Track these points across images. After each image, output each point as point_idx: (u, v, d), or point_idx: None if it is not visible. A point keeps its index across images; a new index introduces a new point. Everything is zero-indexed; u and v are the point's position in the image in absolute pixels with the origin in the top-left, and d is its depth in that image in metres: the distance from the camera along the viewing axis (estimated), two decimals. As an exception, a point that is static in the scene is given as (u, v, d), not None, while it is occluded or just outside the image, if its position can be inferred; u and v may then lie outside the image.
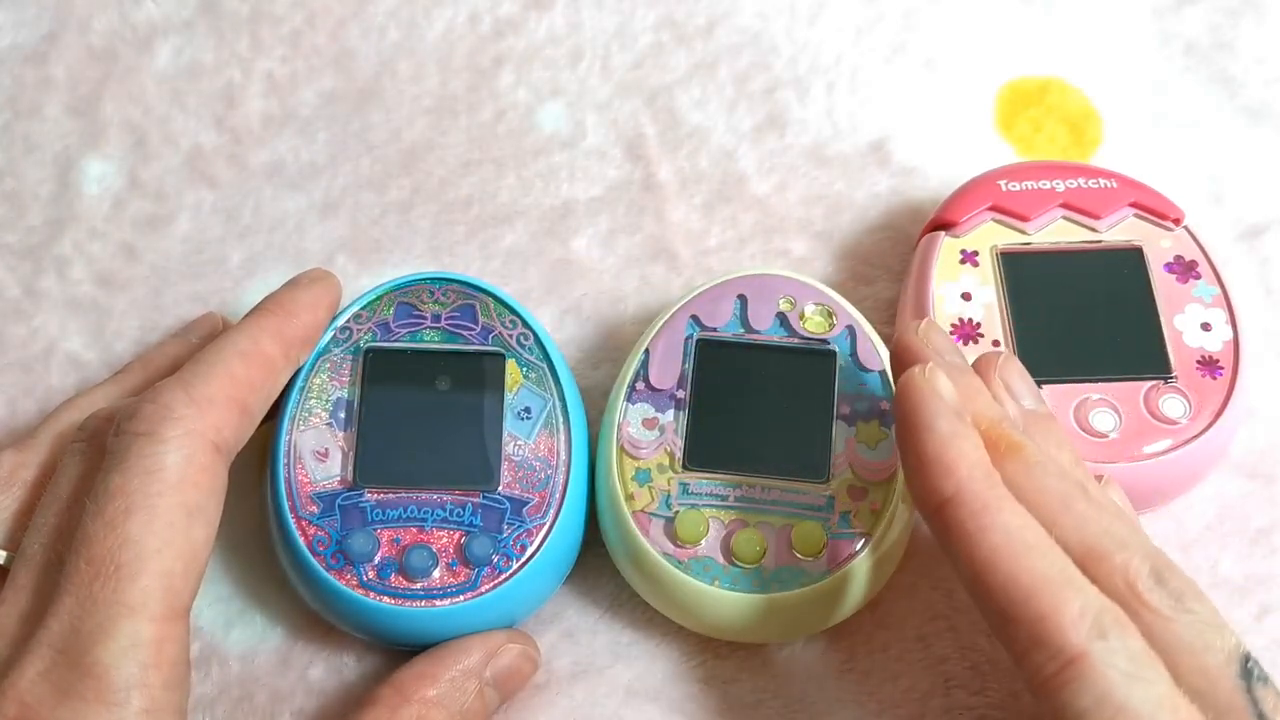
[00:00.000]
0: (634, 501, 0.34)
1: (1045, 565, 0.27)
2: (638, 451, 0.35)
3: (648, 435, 0.35)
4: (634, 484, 0.34)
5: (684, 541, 0.33)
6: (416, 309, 0.36)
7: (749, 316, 0.36)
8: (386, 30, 0.46)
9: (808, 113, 0.44)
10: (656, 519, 0.34)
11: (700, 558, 0.33)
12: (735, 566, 0.33)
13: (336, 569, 0.33)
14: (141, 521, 0.29)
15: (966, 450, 0.29)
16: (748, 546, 0.33)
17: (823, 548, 0.33)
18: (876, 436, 0.35)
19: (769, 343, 0.36)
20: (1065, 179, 0.39)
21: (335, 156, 0.44)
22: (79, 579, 0.28)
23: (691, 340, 0.36)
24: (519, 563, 0.33)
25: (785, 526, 0.33)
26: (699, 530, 0.33)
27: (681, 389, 0.35)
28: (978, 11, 0.46)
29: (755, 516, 0.34)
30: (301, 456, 0.34)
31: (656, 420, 0.35)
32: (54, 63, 0.45)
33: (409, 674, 0.32)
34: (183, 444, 0.30)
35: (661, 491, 0.34)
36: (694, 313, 0.36)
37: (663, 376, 0.36)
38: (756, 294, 0.36)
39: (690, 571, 0.33)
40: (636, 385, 0.36)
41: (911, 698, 0.35)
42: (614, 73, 0.45)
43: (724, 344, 0.36)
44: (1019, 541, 0.27)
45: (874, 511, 0.34)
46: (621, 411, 0.35)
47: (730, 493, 0.34)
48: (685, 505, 0.34)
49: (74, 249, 0.42)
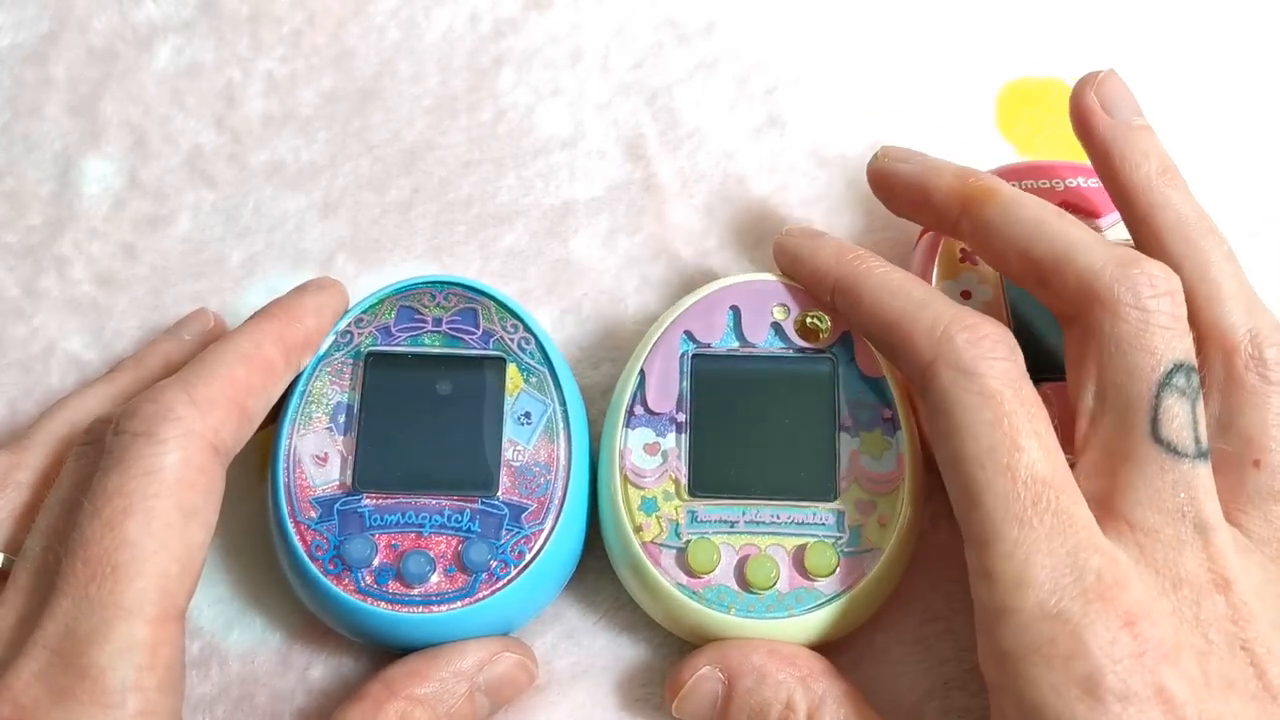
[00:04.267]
0: (643, 533, 0.34)
1: (904, 300, 0.32)
2: (642, 480, 0.34)
3: (650, 462, 0.34)
4: (641, 514, 0.34)
5: (697, 571, 0.33)
6: (418, 313, 0.36)
7: (744, 329, 0.36)
8: (386, 30, 0.46)
9: (808, 113, 0.44)
10: (667, 550, 0.33)
11: (714, 586, 0.33)
12: (749, 593, 0.33)
13: (334, 574, 0.33)
14: (139, 523, 0.29)
15: (828, 254, 0.35)
16: (761, 572, 0.33)
17: (835, 568, 0.33)
18: (881, 446, 0.34)
19: (766, 355, 0.35)
20: (1065, 179, 0.39)
21: (335, 156, 0.44)
22: (75, 580, 0.28)
23: (687, 358, 0.36)
24: (517, 569, 0.33)
25: (797, 549, 0.33)
26: (712, 559, 0.33)
27: (681, 411, 0.35)
28: (978, 11, 0.46)
29: (766, 540, 0.33)
30: (301, 461, 0.34)
31: (658, 445, 0.35)
32: (54, 63, 0.45)
33: (400, 670, 0.32)
34: (181, 445, 0.30)
35: (670, 521, 0.34)
36: (687, 328, 0.36)
37: (661, 399, 0.35)
38: (750, 304, 0.36)
39: (705, 601, 0.33)
40: (634, 409, 0.35)
41: (910, 700, 0.35)
42: (614, 73, 0.45)
43: (720, 360, 0.35)
44: (884, 291, 0.33)
45: (882, 525, 0.33)
46: (622, 438, 0.35)
47: (739, 518, 0.34)
48: (695, 534, 0.33)
49: (74, 249, 0.42)
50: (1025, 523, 0.29)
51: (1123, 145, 0.35)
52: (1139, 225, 0.34)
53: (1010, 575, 0.28)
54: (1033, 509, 0.29)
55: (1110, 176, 0.35)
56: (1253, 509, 0.31)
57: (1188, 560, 0.29)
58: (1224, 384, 0.32)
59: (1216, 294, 0.32)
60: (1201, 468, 0.30)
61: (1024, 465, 0.29)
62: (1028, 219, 0.33)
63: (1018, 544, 0.28)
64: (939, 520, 0.36)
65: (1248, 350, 0.32)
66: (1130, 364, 0.30)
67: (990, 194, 0.34)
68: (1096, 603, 0.28)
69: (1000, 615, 0.28)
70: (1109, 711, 0.27)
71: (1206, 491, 0.30)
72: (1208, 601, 0.29)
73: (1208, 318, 0.32)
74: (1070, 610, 0.28)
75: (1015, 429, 0.30)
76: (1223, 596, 0.29)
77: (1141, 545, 0.29)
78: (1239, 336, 0.32)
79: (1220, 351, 0.32)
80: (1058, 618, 0.28)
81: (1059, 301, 0.33)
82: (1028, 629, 0.28)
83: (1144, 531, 0.29)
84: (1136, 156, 0.34)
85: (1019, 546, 0.28)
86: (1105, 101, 0.36)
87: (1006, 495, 0.29)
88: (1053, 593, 0.28)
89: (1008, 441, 0.29)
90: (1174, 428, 0.30)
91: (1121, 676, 0.27)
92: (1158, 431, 0.30)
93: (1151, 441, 0.30)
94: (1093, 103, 0.36)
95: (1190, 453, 0.30)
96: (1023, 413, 0.30)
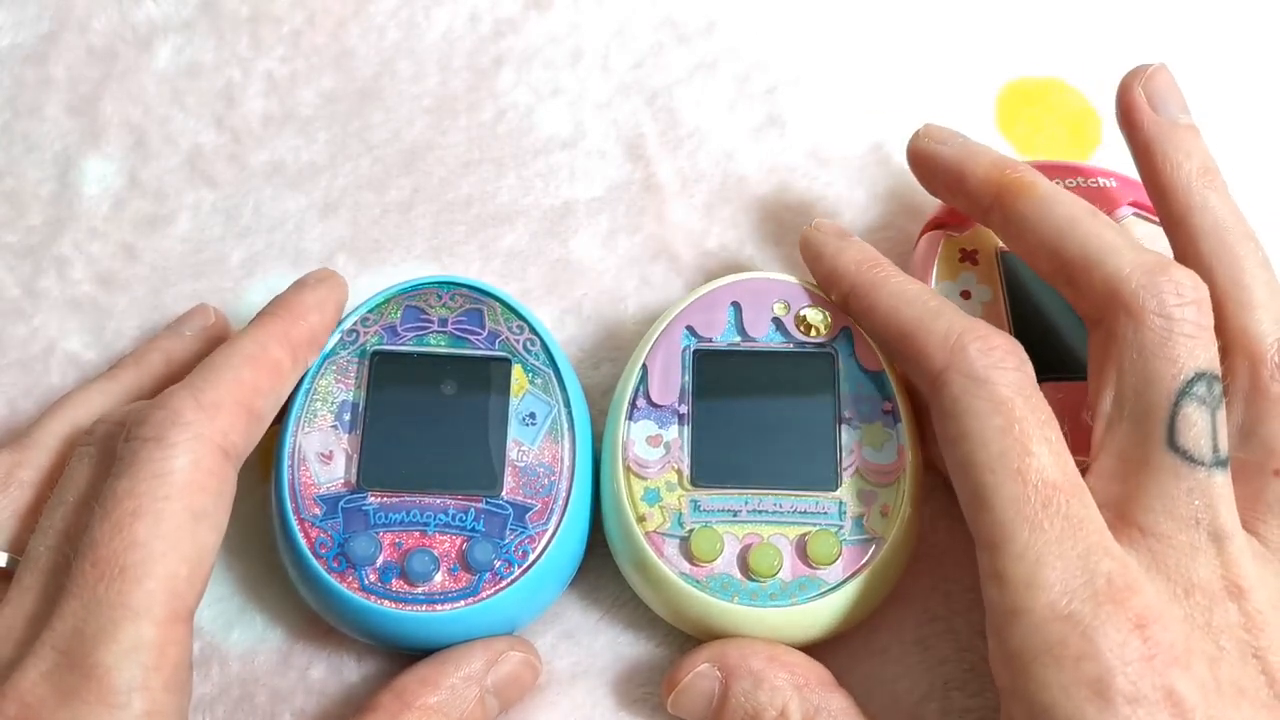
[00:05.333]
0: (646, 523, 0.34)
1: (919, 309, 0.33)
2: (644, 471, 0.34)
3: (653, 453, 0.35)
4: (644, 504, 0.34)
5: (700, 560, 0.33)
6: (424, 313, 0.36)
7: (745, 324, 0.36)
8: (386, 30, 0.46)
9: (808, 113, 0.44)
10: (670, 539, 0.34)
11: (717, 575, 0.33)
12: (753, 581, 0.33)
13: (338, 571, 0.33)
14: (148, 525, 0.29)
15: (849, 259, 0.35)
16: (764, 560, 0.33)
17: (837, 556, 0.33)
18: (881, 438, 0.34)
19: (767, 349, 0.36)
20: (1065, 179, 0.39)
21: (335, 156, 0.44)
22: (84, 581, 0.28)
23: (689, 352, 0.36)
24: (521, 569, 0.33)
25: (799, 537, 0.33)
26: (715, 548, 0.33)
27: (683, 403, 0.35)
28: (978, 11, 0.46)
29: (769, 529, 0.34)
30: (306, 458, 0.34)
31: (660, 437, 0.35)
32: (54, 62, 0.45)
33: (410, 679, 0.32)
34: (190, 448, 0.30)
35: (673, 510, 0.34)
36: (689, 323, 0.36)
37: (663, 392, 0.35)
38: (750, 300, 0.36)
39: (709, 590, 0.33)
40: (637, 402, 0.35)
41: (910, 700, 0.35)
42: (614, 73, 0.45)
43: (722, 354, 0.36)
44: (899, 300, 0.33)
45: (884, 515, 0.34)
46: (624, 430, 0.35)
47: (742, 507, 0.34)
48: (698, 523, 0.34)
49: (74, 249, 0.42)
50: (1036, 526, 0.29)
51: (1165, 143, 0.35)
52: (1175, 226, 0.34)
53: (1021, 577, 0.28)
54: (1043, 512, 0.29)
55: (1150, 174, 0.35)
56: (1271, 518, 0.31)
57: (1201, 567, 0.29)
58: (1248, 392, 0.32)
59: (1247, 300, 0.32)
60: (1219, 476, 0.30)
61: (1034, 469, 0.29)
62: (1061, 216, 0.33)
63: (1028, 546, 0.28)
64: (939, 520, 0.36)
65: (1274, 359, 0.31)
66: (1151, 371, 0.30)
67: (1027, 188, 0.34)
68: (1107, 605, 0.27)
69: (1011, 617, 0.28)
70: (1118, 714, 0.27)
71: (1223, 499, 0.30)
72: (1220, 609, 0.29)
73: (1236, 325, 0.32)
74: (1081, 612, 0.27)
75: (1026, 435, 0.30)
76: (1236, 604, 0.29)
77: (1154, 551, 0.29)
78: (1266, 345, 0.32)
79: (1246, 360, 0.32)
80: (1068, 619, 0.28)
81: (1085, 303, 0.33)
82: (1038, 630, 0.28)
83: (1156, 537, 0.29)
84: (1179, 156, 0.34)
85: (1030, 549, 0.28)
86: (1152, 97, 0.35)
87: (1017, 499, 0.29)
88: (1063, 594, 0.28)
89: (1018, 447, 0.29)
90: (1190, 436, 0.30)
91: (1131, 679, 0.27)
92: (1174, 439, 0.30)
93: (1167, 449, 0.30)
94: (1139, 97, 0.35)
95: (1207, 461, 0.30)
96: (1033, 419, 0.30)
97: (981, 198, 0.35)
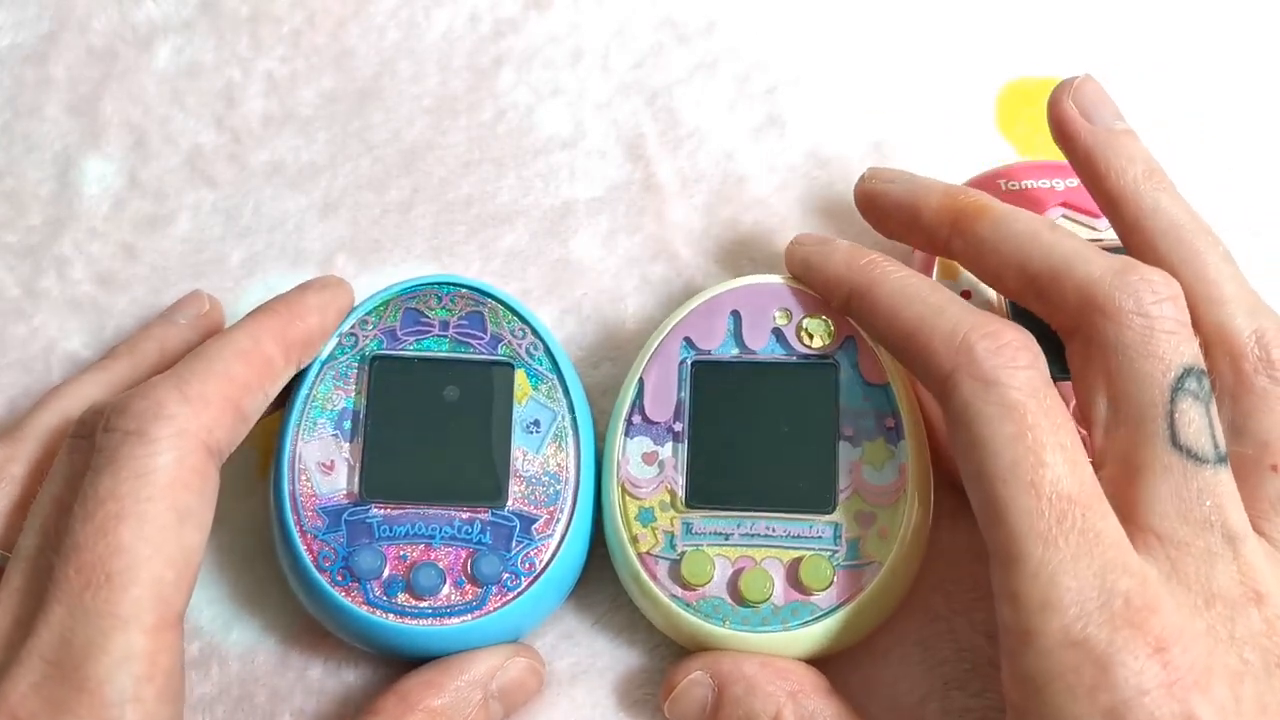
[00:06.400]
0: (639, 544, 0.33)
1: (921, 307, 0.32)
2: (638, 490, 0.34)
3: (647, 472, 0.34)
4: (638, 525, 0.34)
5: (691, 584, 0.33)
6: (424, 315, 0.35)
7: (744, 335, 0.35)
8: (386, 30, 0.46)
9: (808, 113, 0.44)
10: (662, 561, 0.33)
11: (709, 599, 0.33)
12: (744, 607, 0.33)
13: (343, 585, 0.32)
14: (132, 528, 0.28)
15: (839, 261, 0.34)
16: (755, 585, 0.32)
17: (830, 582, 0.32)
18: (883, 456, 0.34)
19: (767, 362, 0.35)
20: (1065, 179, 0.39)
21: (335, 156, 0.44)
22: (69, 587, 0.28)
23: (686, 365, 0.35)
24: (528, 580, 0.33)
25: (792, 561, 0.33)
26: (705, 571, 0.33)
27: (679, 420, 0.34)
28: (978, 11, 0.46)
29: (761, 553, 0.33)
30: (306, 468, 0.33)
31: (655, 455, 0.34)
32: (54, 62, 0.45)
33: (414, 682, 0.32)
34: (174, 445, 0.29)
35: (665, 532, 0.33)
36: (686, 334, 0.35)
37: (658, 408, 0.35)
38: (751, 308, 0.35)
39: (699, 614, 0.33)
40: (633, 418, 0.35)
41: (910, 700, 0.35)
42: (614, 73, 0.45)
43: (720, 367, 0.35)
44: (899, 298, 0.32)
45: (883, 537, 0.33)
46: (621, 446, 0.34)
47: (734, 530, 0.33)
48: (690, 546, 0.33)
49: (74, 249, 0.42)
50: (1050, 542, 0.28)
51: (1106, 151, 0.34)
52: (1130, 232, 0.34)
53: (1034, 597, 0.27)
54: (1058, 528, 0.28)
55: (1096, 184, 0.35)
56: (1275, 515, 0.30)
57: (1220, 574, 0.28)
58: (1233, 388, 0.31)
59: (1217, 296, 0.32)
60: (1223, 473, 0.29)
61: (1048, 481, 0.28)
62: (1021, 233, 0.32)
63: (1043, 564, 0.27)
64: (940, 520, 0.36)
65: (1255, 352, 0.31)
66: (1140, 371, 0.30)
67: (984, 210, 0.33)
68: (1125, 630, 0.27)
69: (1024, 639, 0.28)
70: None
71: (1231, 498, 0.29)
72: (1242, 617, 0.28)
73: (1211, 322, 0.32)
74: (1096, 638, 0.27)
75: (1039, 443, 0.29)
76: (1256, 610, 0.28)
77: (1173, 559, 0.28)
78: (1244, 339, 0.31)
79: (1227, 355, 0.31)
80: (1082, 645, 0.27)
81: (1059, 315, 0.32)
82: (1051, 655, 0.27)
83: (1174, 544, 0.29)
84: (1121, 162, 0.34)
85: (1044, 567, 0.27)
86: (1084, 107, 0.35)
87: (1031, 513, 0.28)
88: (1078, 618, 0.27)
89: (1031, 457, 0.28)
90: (1192, 433, 0.29)
91: (1149, 709, 0.26)
92: (1176, 438, 0.29)
93: (1171, 449, 0.29)
94: (1071, 110, 0.35)
95: (1211, 458, 0.29)
96: (1047, 425, 0.29)
97: (939, 228, 0.34)
